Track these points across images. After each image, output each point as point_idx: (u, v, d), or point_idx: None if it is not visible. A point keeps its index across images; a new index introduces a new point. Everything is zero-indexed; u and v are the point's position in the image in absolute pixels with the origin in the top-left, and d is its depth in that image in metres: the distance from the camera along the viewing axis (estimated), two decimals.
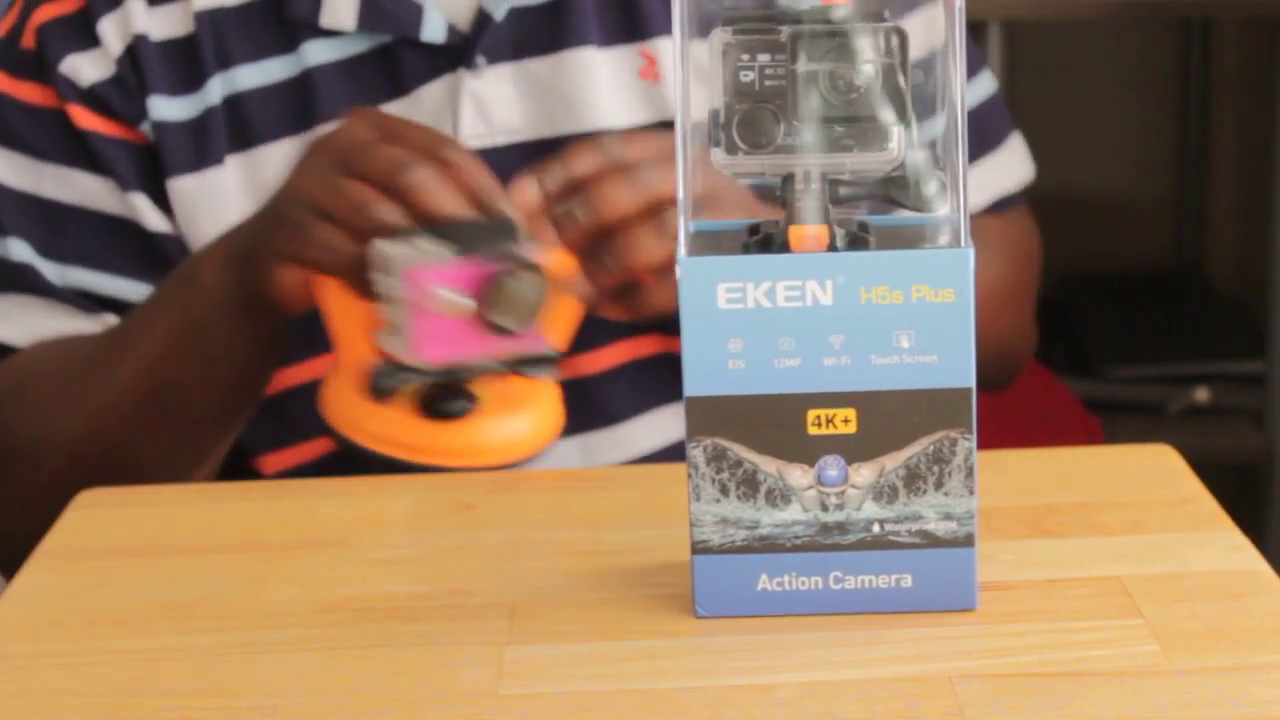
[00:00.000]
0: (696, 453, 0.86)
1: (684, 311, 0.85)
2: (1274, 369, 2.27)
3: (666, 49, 1.26)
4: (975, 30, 2.23)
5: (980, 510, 0.89)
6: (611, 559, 0.95)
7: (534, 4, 1.25)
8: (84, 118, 1.26)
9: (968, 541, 0.87)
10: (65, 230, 1.27)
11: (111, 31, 1.25)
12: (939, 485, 0.86)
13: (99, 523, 1.03)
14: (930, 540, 0.87)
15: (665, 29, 1.25)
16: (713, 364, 0.85)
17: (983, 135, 1.38)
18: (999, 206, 1.40)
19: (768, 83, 0.85)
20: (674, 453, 1.24)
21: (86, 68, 1.25)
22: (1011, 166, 1.41)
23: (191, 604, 0.92)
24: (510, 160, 1.22)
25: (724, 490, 0.87)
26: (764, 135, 0.85)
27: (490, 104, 1.24)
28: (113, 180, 1.26)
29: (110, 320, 1.26)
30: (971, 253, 0.85)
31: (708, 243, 0.87)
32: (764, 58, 0.85)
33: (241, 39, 1.25)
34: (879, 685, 0.82)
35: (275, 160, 1.24)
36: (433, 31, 1.23)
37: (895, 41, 0.84)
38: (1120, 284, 2.52)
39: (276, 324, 1.15)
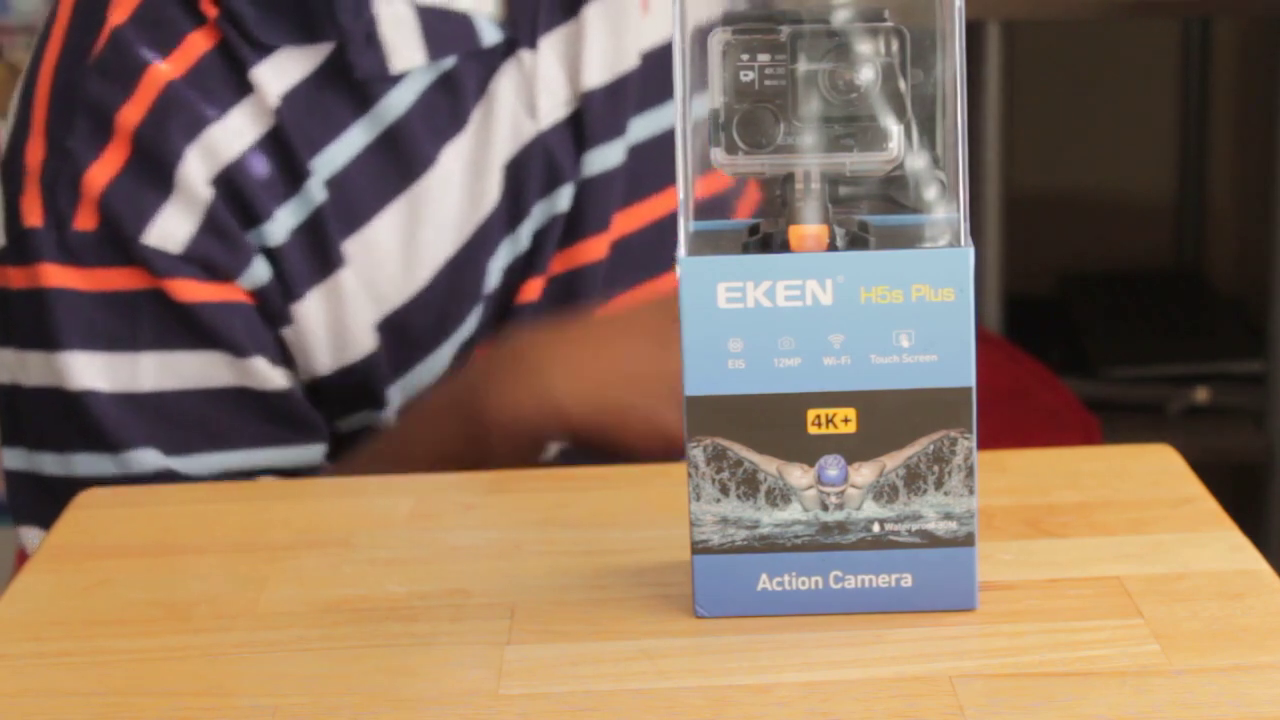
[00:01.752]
0: (696, 452, 0.86)
1: (684, 311, 0.85)
2: (1274, 369, 2.27)
3: None
4: (975, 30, 2.23)
5: (980, 510, 0.89)
6: (611, 559, 0.95)
7: None
8: (183, 289, 1.14)
9: (968, 541, 0.87)
10: (182, 419, 1.17)
11: (194, 172, 1.15)
12: (939, 485, 0.86)
13: (99, 523, 1.03)
14: (930, 540, 0.87)
15: None
16: (713, 363, 0.85)
17: None
18: None
19: (768, 83, 0.85)
20: None
21: (174, 229, 1.14)
22: None
23: (191, 604, 0.92)
24: (567, 133, 1.23)
25: (724, 490, 0.87)
26: (764, 135, 0.85)
27: (552, 77, 1.23)
28: (224, 351, 1.16)
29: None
30: (971, 252, 0.85)
31: (708, 242, 0.87)
32: (764, 58, 0.85)
33: (321, 113, 1.18)
34: (879, 685, 0.82)
35: (385, 233, 1.19)
36: (489, 34, 1.22)
37: (895, 41, 0.84)
38: (1120, 284, 2.52)
39: None
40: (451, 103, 1.22)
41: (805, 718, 0.80)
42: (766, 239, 0.86)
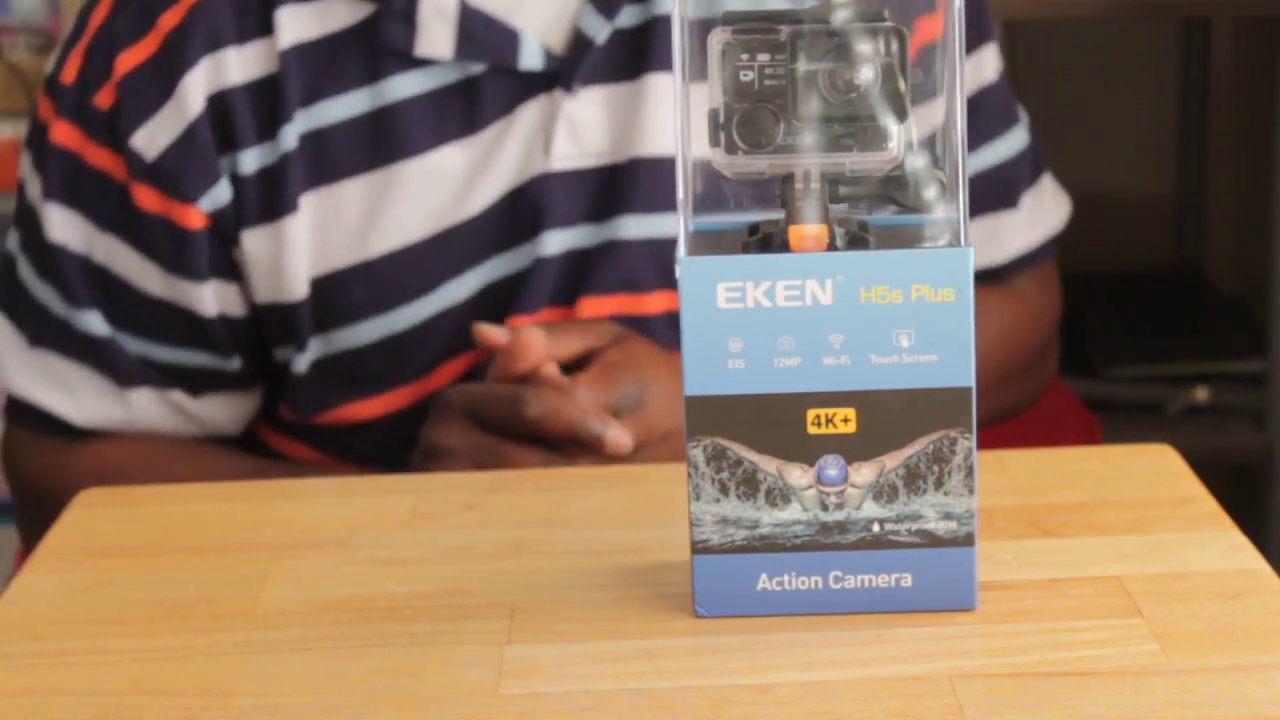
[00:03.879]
0: (696, 452, 0.86)
1: (684, 311, 0.85)
2: (1274, 369, 2.26)
3: None
4: None
5: (980, 510, 0.89)
6: (611, 559, 0.95)
7: (628, 27, 1.24)
8: (146, 197, 1.23)
9: (968, 541, 0.87)
10: (120, 298, 1.26)
11: (196, 84, 1.22)
12: (939, 485, 0.86)
13: (99, 523, 1.03)
14: (930, 540, 0.87)
15: None
16: (712, 363, 0.85)
17: (1002, 187, 1.35)
18: (1018, 264, 1.37)
19: (768, 82, 0.85)
20: None
21: (158, 135, 1.22)
22: (1033, 222, 1.38)
23: (191, 604, 0.92)
24: (594, 182, 1.23)
25: (724, 490, 0.87)
26: (764, 135, 0.85)
27: (582, 126, 1.23)
28: (157, 265, 1.24)
29: (142, 400, 1.26)
30: (971, 252, 0.85)
31: (708, 242, 0.87)
32: (764, 57, 0.85)
33: (327, 71, 1.22)
34: (879, 685, 0.82)
35: (350, 199, 1.23)
36: (530, 58, 1.22)
37: (895, 42, 0.84)
38: (1120, 284, 2.52)
39: None
40: (468, 107, 1.22)
41: (805, 718, 0.80)
42: (766, 239, 0.86)
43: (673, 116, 0.86)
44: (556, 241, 1.23)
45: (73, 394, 1.27)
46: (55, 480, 1.28)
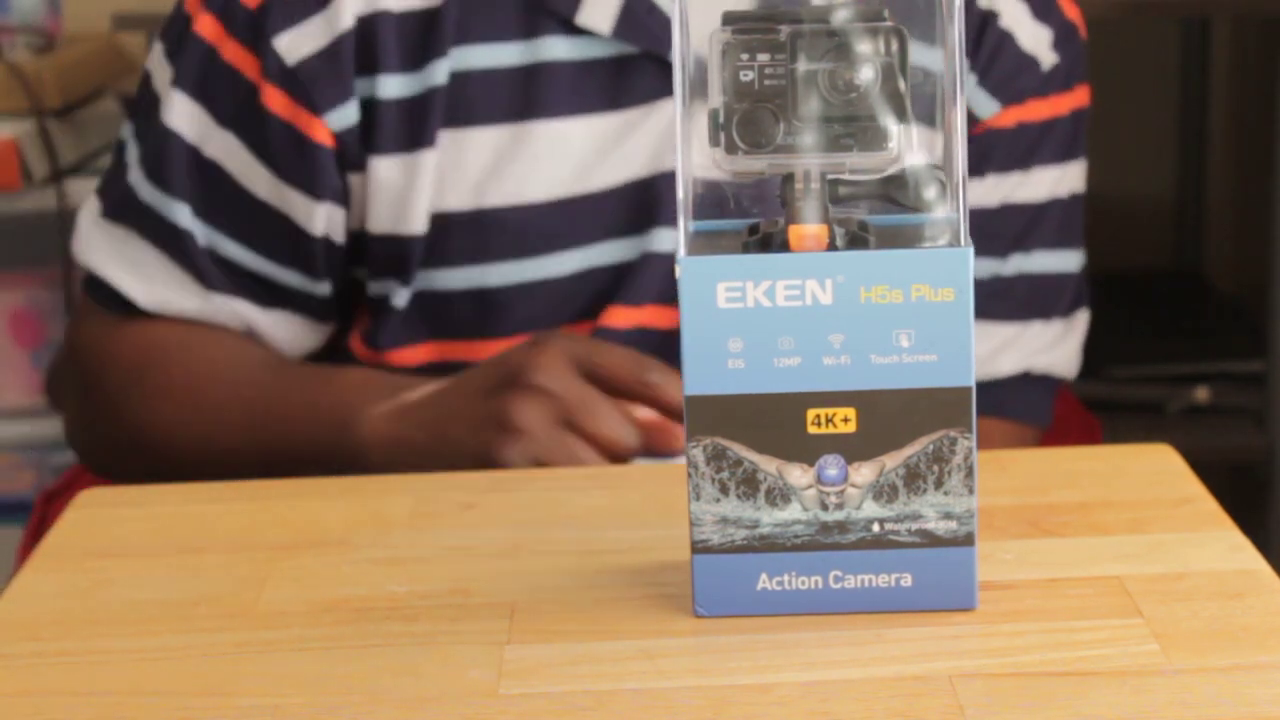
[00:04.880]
0: (696, 452, 0.86)
1: (684, 311, 0.85)
2: (1274, 369, 2.27)
3: None
4: None
5: (980, 510, 0.89)
6: (611, 559, 0.95)
7: None
8: (276, 100, 1.24)
9: (968, 541, 0.87)
10: (220, 197, 1.26)
11: (351, 2, 1.23)
12: (939, 484, 0.86)
13: (99, 523, 1.03)
14: (930, 540, 0.87)
15: None
16: (712, 363, 0.85)
17: (1044, 296, 1.33)
18: (1026, 392, 1.34)
19: (767, 82, 0.85)
20: None
21: (302, 43, 1.23)
22: (1057, 349, 1.35)
23: (191, 604, 0.92)
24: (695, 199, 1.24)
25: (724, 490, 0.87)
26: (764, 135, 0.85)
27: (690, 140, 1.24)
28: (272, 170, 1.25)
29: (223, 304, 1.27)
30: (971, 252, 0.85)
31: (707, 242, 0.87)
32: (764, 57, 0.85)
33: (485, 17, 1.24)
34: (879, 685, 0.82)
35: (480, 146, 1.24)
36: None
37: (895, 41, 0.84)
38: (1120, 284, 2.52)
39: None
40: (614, 86, 1.24)
41: (805, 718, 0.80)
42: (766, 239, 0.86)
43: (675, 117, 0.86)
44: (670, 240, 1.23)
45: (146, 279, 1.28)
46: (100, 351, 1.29)
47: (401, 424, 1.17)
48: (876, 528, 0.87)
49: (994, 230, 1.30)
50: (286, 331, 1.29)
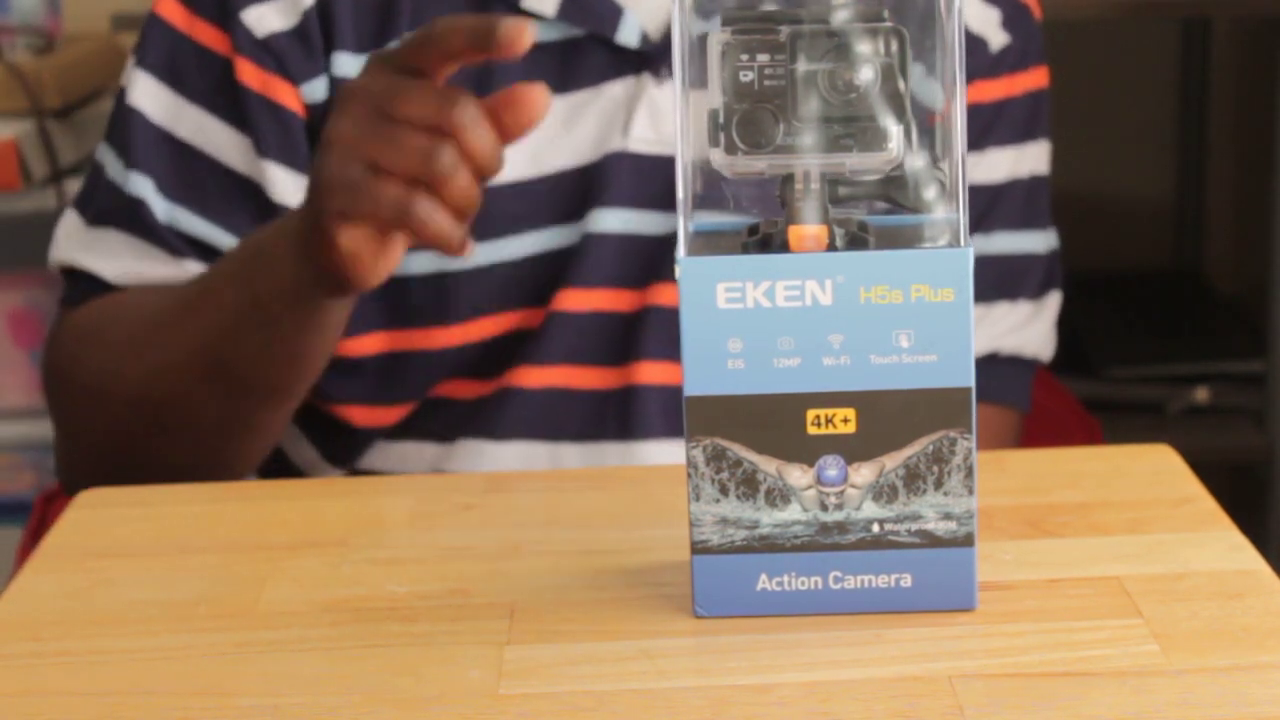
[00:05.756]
0: (696, 453, 0.86)
1: (684, 311, 0.85)
2: (1274, 369, 2.26)
3: None
4: None
5: (980, 510, 0.89)
6: (611, 559, 0.95)
7: None
8: (249, 72, 1.24)
9: (967, 541, 0.87)
10: (189, 174, 1.26)
11: None
12: (939, 485, 0.86)
13: (99, 523, 1.03)
14: (930, 540, 0.87)
15: None
16: (712, 364, 0.85)
17: (1007, 278, 1.33)
18: (996, 374, 1.33)
19: (767, 83, 0.85)
20: None
21: (270, 17, 1.24)
22: (1026, 330, 1.35)
23: (191, 604, 0.92)
24: (666, 171, 1.22)
25: (724, 490, 0.87)
26: (763, 135, 0.85)
27: (664, 115, 1.24)
28: (251, 140, 1.25)
29: (195, 269, 1.25)
30: (971, 252, 0.85)
31: (707, 243, 0.87)
32: (764, 58, 0.85)
33: (437, 3, 1.24)
34: (879, 685, 0.82)
35: None
36: (627, 35, 1.23)
37: (895, 41, 0.84)
38: (1120, 284, 2.52)
39: (339, 303, 1.13)
40: (560, 69, 1.24)
41: (805, 718, 0.80)
42: (766, 239, 0.86)
43: (674, 116, 0.86)
44: (614, 221, 1.23)
45: (114, 256, 1.27)
46: (62, 331, 1.28)
47: (287, 219, 1.15)
48: (876, 528, 0.87)
49: None
50: None
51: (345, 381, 1.27)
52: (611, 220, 1.24)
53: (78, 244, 1.28)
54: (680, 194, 0.86)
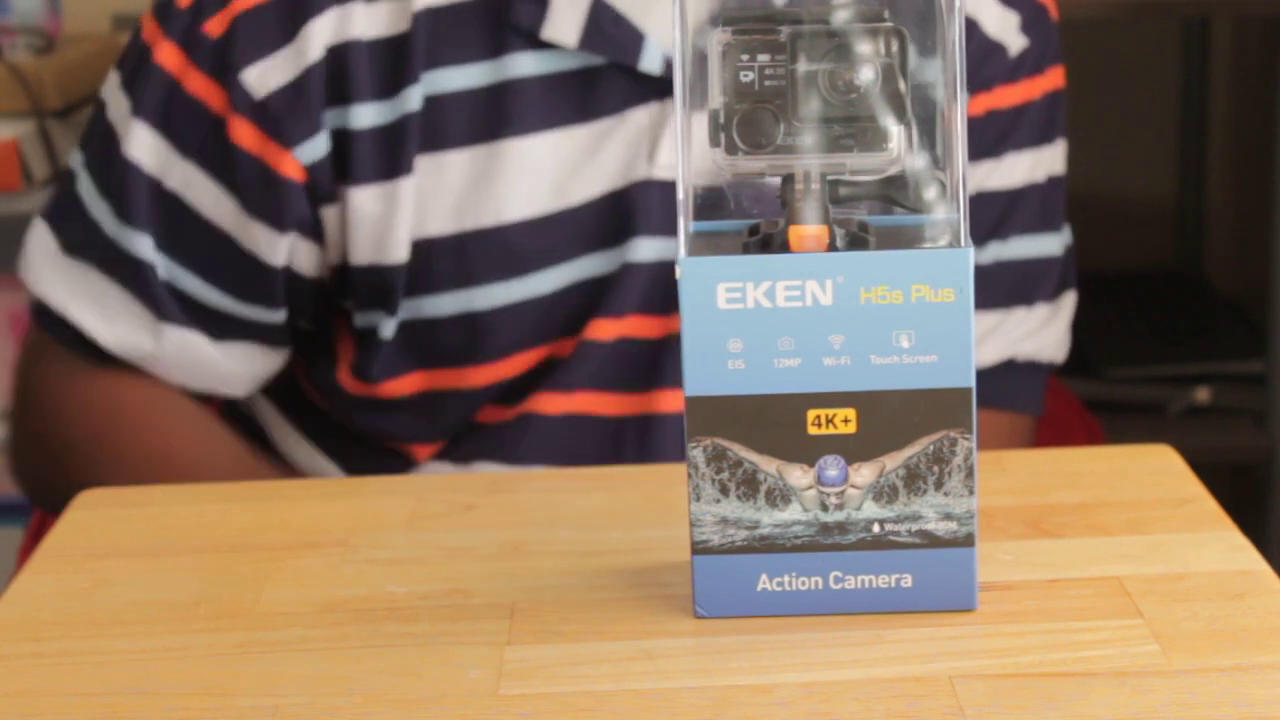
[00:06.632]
0: (696, 453, 0.86)
1: (684, 311, 0.85)
2: (1274, 369, 2.26)
3: None
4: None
5: (980, 510, 0.89)
6: (611, 559, 0.95)
7: None
8: (243, 133, 1.22)
9: (968, 541, 0.87)
10: (181, 229, 1.25)
11: (320, 32, 1.21)
12: (939, 485, 0.86)
13: (99, 523, 1.03)
14: (930, 540, 0.87)
15: None
16: (713, 364, 0.85)
17: (1023, 283, 1.32)
18: (1013, 380, 1.33)
19: (768, 83, 0.85)
20: None
21: (271, 74, 1.21)
22: (1042, 333, 1.34)
23: (191, 604, 0.92)
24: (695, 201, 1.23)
25: (724, 490, 0.87)
26: (764, 135, 0.85)
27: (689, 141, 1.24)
28: (237, 201, 1.23)
29: (174, 335, 1.26)
30: (971, 252, 0.85)
31: (708, 243, 0.87)
32: (764, 58, 0.85)
33: (453, 38, 1.22)
34: (879, 685, 0.82)
35: (457, 168, 1.23)
36: (650, 62, 1.22)
37: (895, 41, 0.84)
38: (1120, 284, 2.52)
39: None
40: (583, 98, 1.23)
41: (805, 718, 0.80)
42: (766, 239, 0.86)
43: (675, 118, 0.86)
44: (649, 249, 1.23)
45: (107, 317, 1.26)
46: (61, 405, 1.28)
47: None
48: (876, 528, 0.87)
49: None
50: (239, 363, 1.28)
51: (387, 420, 1.27)
52: (645, 249, 1.23)
53: (71, 291, 1.27)
54: (680, 194, 0.86)
